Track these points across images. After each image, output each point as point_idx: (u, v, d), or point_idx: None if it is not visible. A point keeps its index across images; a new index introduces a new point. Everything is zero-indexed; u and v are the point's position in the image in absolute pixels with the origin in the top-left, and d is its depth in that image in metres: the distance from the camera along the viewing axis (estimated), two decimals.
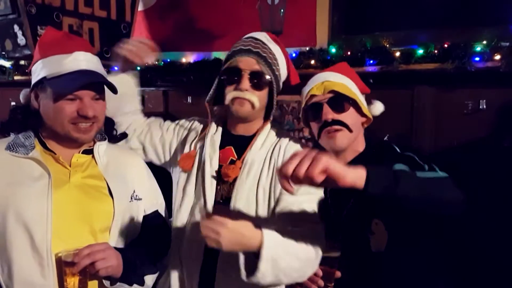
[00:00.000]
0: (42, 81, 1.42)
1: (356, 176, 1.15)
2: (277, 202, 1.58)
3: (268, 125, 1.72)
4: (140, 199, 1.57)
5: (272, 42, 1.69)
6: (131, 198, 1.55)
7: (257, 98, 1.60)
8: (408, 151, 1.60)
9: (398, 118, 2.46)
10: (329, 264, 1.50)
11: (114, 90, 1.48)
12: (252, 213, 1.58)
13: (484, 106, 2.26)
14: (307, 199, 1.57)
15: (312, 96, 1.62)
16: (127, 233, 1.52)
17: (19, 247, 1.33)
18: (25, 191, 1.35)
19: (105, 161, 1.53)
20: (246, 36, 1.71)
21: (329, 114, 1.58)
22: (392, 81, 2.41)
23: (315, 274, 1.51)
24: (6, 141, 1.45)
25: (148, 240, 1.57)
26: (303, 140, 2.69)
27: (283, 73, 1.72)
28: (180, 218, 1.66)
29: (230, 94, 1.61)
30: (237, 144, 1.70)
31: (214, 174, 1.65)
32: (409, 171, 1.30)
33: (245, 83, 1.59)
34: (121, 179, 1.54)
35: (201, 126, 1.83)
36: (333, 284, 1.51)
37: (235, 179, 1.62)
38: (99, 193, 1.47)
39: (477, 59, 2.16)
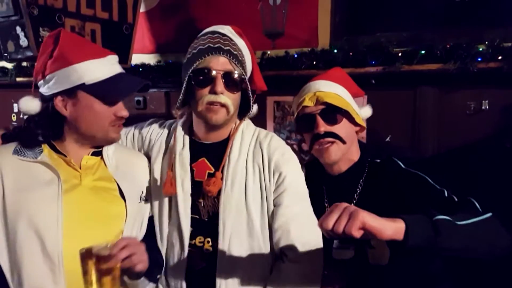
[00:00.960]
0: (76, 87, 1.38)
1: (395, 230, 1.14)
2: (272, 216, 1.52)
3: (240, 126, 1.60)
4: (147, 200, 1.58)
5: (237, 36, 1.56)
6: (140, 199, 1.55)
7: (232, 101, 1.49)
8: (412, 166, 1.56)
9: (400, 119, 2.46)
10: (341, 265, 1.50)
11: (148, 88, 1.52)
12: (244, 226, 1.51)
13: (487, 107, 2.25)
14: (301, 208, 1.54)
15: (304, 107, 1.59)
16: (136, 235, 1.51)
17: (29, 252, 1.31)
18: (35, 196, 1.34)
19: (114, 163, 1.52)
20: (210, 30, 1.55)
21: (321, 126, 1.55)
22: (395, 82, 2.41)
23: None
24: (12, 146, 1.43)
25: (154, 241, 1.57)
26: (303, 143, 2.69)
27: (249, 69, 1.59)
28: (159, 245, 1.57)
29: (204, 98, 1.47)
30: (209, 153, 1.58)
31: (188, 196, 1.54)
32: (450, 220, 1.23)
33: (220, 85, 1.45)
34: (131, 180, 1.53)
35: (164, 134, 1.67)
36: (341, 284, 1.51)
37: (218, 192, 1.50)
38: (111, 195, 1.46)
39: (479, 59, 2.16)
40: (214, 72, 1.46)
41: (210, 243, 1.52)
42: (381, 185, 1.55)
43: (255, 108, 1.63)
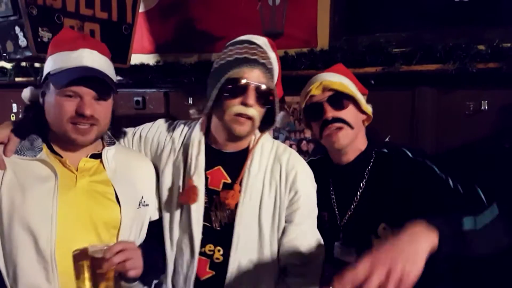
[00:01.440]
0: (46, 78, 1.40)
1: (428, 252, 1.09)
2: (283, 232, 1.53)
3: (261, 139, 1.58)
4: (147, 205, 1.54)
5: (271, 49, 1.55)
6: (139, 204, 1.51)
7: (258, 114, 1.47)
8: (421, 155, 1.57)
9: (399, 119, 2.47)
10: (344, 268, 1.50)
11: (113, 90, 1.44)
12: (255, 239, 1.51)
13: (486, 107, 2.26)
14: (309, 225, 1.56)
15: (312, 96, 1.62)
16: (134, 240, 1.48)
17: (23, 250, 1.31)
18: (31, 193, 1.33)
19: (113, 166, 1.49)
20: (246, 39, 1.53)
21: (329, 112, 1.57)
22: (393, 82, 2.41)
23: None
24: None
25: (155, 245, 1.55)
26: (304, 142, 2.69)
27: (275, 81, 1.57)
28: (168, 252, 1.54)
29: (233, 108, 1.43)
30: (226, 162, 1.55)
31: (202, 203, 1.51)
32: (474, 229, 1.23)
33: (252, 97, 1.42)
34: (129, 185, 1.50)
35: (176, 136, 1.63)
36: None
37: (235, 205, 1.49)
38: (106, 199, 1.43)
39: (478, 60, 2.16)
40: (248, 84, 1.43)
41: (221, 252, 1.52)
42: (389, 175, 1.57)
43: (279, 117, 1.61)
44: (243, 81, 1.42)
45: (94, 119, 1.38)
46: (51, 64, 1.41)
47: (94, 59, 1.42)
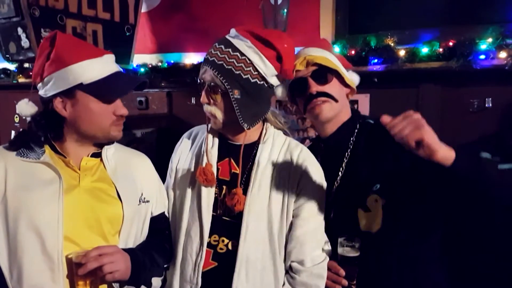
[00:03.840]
0: (74, 88, 1.39)
1: (446, 155, 1.24)
2: (290, 227, 1.54)
3: (270, 131, 1.62)
4: (147, 201, 1.57)
5: (242, 38, 1.50)
6: (140, 201, 1.54)
7: (220, 110, 1.52)
8: None
9: None
10: (349, 263, 1.50)
11: (145, 86, 1.53)
12: (264, 230, 1.52)
13: (490, 104, 2.25)
14: (318, 223, 1.57)
15: (296, 71, 1.64)
16: (135, 236, 1.52)
17: (30, 251, 1.32)
18: (37, 195, 1.35)
19: (113, 165, 1.52)
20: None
21: (313, 87, 1.61)
22: (397, 80, 2.40)
23: (338, 274, 1.51)
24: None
25: (156, 242, 1.57)
26: (307, 140, 2.69)
27: (264, 70, 1.50)
28: (177, 239, 1.58)
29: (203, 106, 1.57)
30: (236, 154, 1.59)
31: (212, 193, 1.56)
32: (491, 160, 1.35)
33: (203, 96, 1.54)
34: (129, 182, 1.53)
35: (192, 136, 1.73)
36: (355, 282, 1.51)
37: (244, 193, 1.52)
38: (108, 197, 1.46)
39: (482, 57, 2.15)
40: (202, 84, 1.54)
41: (225, 243, 1.53)
42: (374, 143, 1.60)
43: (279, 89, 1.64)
44: (200, 81, 1.55)
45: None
46: (80, 74, 1.39)
47: (114, 62, 1.49)
